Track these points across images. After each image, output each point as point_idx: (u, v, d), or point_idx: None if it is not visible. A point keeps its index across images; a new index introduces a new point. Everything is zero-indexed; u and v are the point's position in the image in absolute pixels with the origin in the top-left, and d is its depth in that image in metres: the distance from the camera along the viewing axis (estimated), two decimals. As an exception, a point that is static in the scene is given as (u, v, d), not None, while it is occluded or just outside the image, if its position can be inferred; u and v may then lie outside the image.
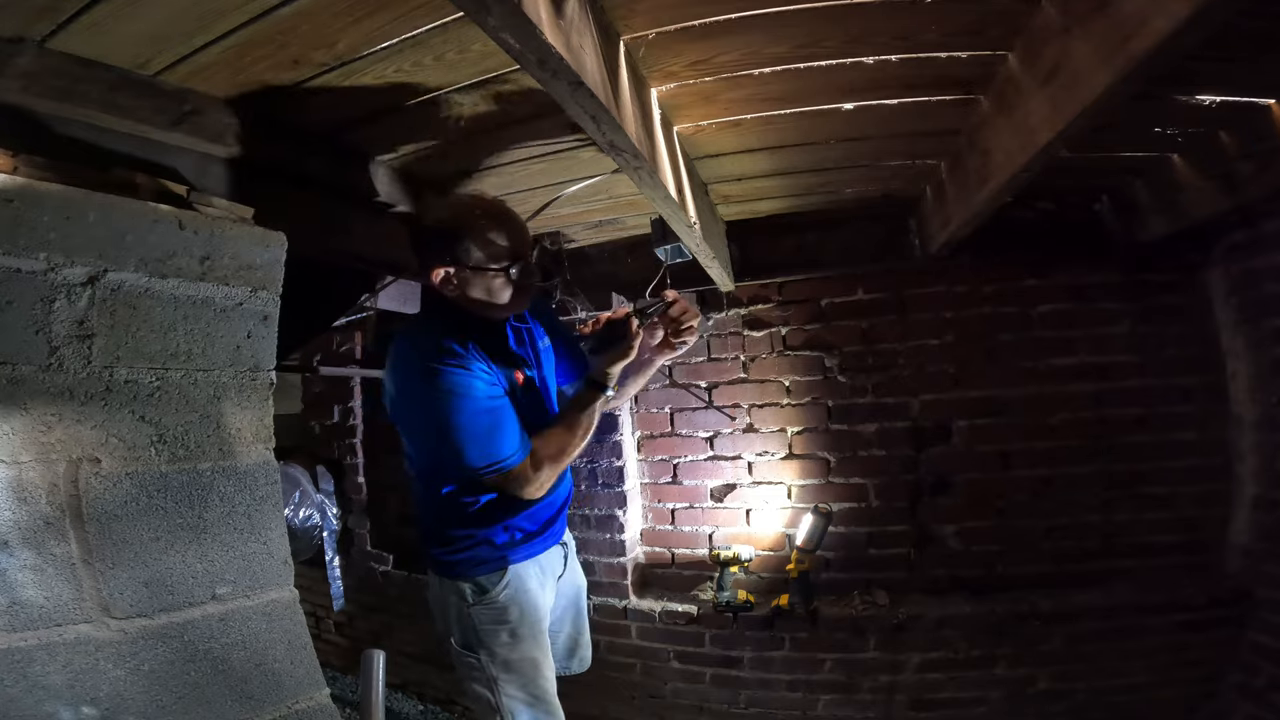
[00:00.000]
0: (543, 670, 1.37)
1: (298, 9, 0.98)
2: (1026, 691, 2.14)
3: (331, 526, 2.97)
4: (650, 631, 2.39)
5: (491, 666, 1.33)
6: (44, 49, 1.00)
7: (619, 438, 2.48)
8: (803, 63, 1.25)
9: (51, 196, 0.89)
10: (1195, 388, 2.19)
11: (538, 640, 1.37)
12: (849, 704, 2.24)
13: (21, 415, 0.85)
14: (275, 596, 1.09)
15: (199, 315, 1.04)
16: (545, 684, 1.37)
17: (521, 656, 1.34)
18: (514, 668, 1.34)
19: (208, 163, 1.29)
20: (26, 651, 0.82)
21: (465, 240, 1.20)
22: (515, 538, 1.36)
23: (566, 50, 0.82)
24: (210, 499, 1.03)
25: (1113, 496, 2.21)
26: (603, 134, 1.06)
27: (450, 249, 1.20)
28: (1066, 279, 2.26)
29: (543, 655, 1.38)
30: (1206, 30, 0.82)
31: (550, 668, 1.40)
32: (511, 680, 1.34)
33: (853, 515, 2.38)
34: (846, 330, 2.41)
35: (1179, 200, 1.89)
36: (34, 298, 0.86)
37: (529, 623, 1.35)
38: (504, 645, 1.33)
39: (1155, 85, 1.33)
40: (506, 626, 1.33)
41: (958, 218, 1.77)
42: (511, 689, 1.33)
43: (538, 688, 1.35)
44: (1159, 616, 2.07)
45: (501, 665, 1.33)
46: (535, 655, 1.36)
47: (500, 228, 1.22)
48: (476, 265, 1.21)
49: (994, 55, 1.24)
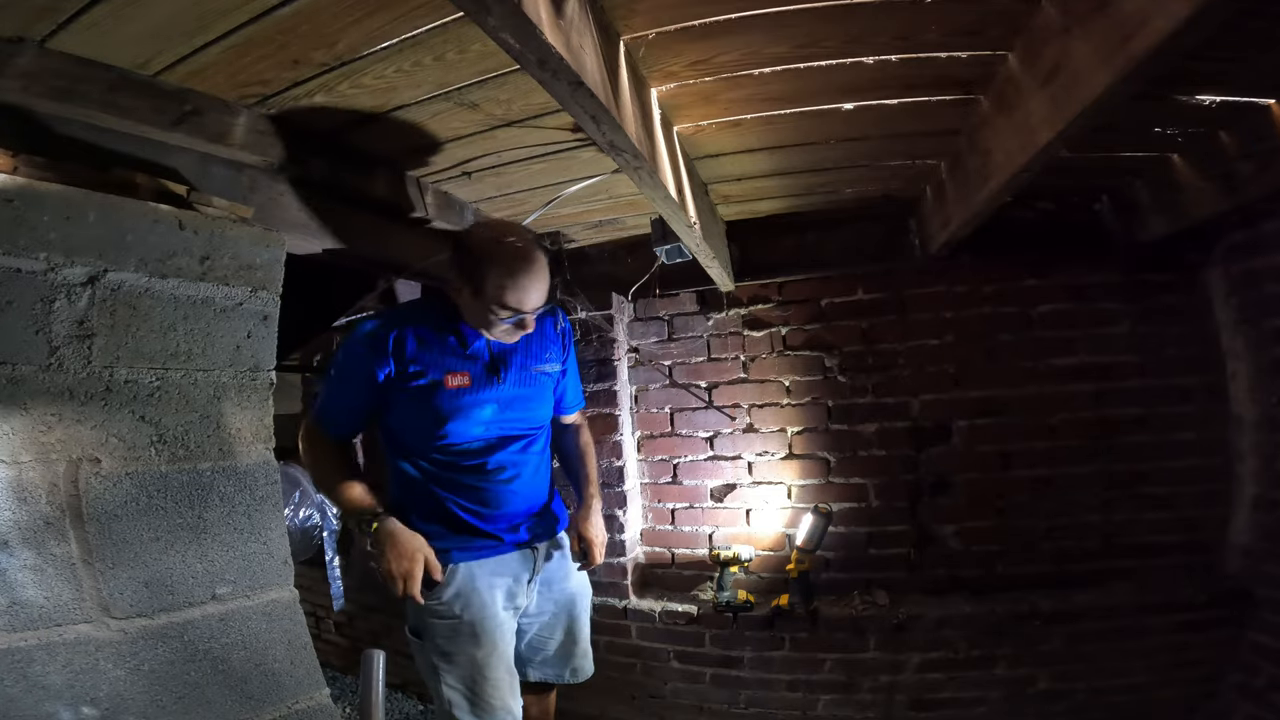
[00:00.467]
0: (484, 670, 1.36)
1: (298, 9, 0.98)
2: (1026, 691, 2.14)
3: (331, 526, 2.96)
4: (650, 631, 2.39)
5: (432, 654, 1.38)
6: (44, 49, 1.00)
7: (619, 438, 2.48)
8: (803, 63, 1.25)
9: (51, 196, 0.89)
10: (1195, 388, 2.19)
11: (480, 640, 1.36)
12: (849, 704, 2.24)
13: (21, 415, 0.85)
14: (275, 596, 1.10)
15: (199, 315, 1.05)
16: (486, 683, 1.36)
17: (459, 651, 1.36)
18: (452, 660, 1.37)
19: (208, 163, 1.29)
20: (26, 651, 0.82)
21: (483, 275, 1.28)
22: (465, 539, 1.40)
23: (566, 50, 0.82)
24: (210, 499, 1.03)
25: (1113, 496, 2.21)
26: (603, 134, 1.06)
27: (470, 273, 1.30)
28: (1066, 279, 2.26)
29: (485, 655, 1.37)
30: (1206, 30, 0.82)
31: (497, 669, 1.38)
32: (451, 671, 1.37)
33: (853, 515, 2.38)
34: (846, 330, 2.41)
35: (1179, 200, 1.89)
36: (34, 298, 0.86)
37: (472, 620, 1.36)
38: (444, 638, 1.37)
39: (1155, 85, 1.33)
40: (449, 621, 1.36)
41: (958, 218, 1.77)
42: (451, 679, 1.37)
43: (475, 684, 1.36)
44: (1159, 616, 2.06)
45: (441, 655, 1.37)
46: (475, 653, 1.36)
47: (513, 286, 1.29)
48: (478, 293, 1.30)
49: (994, 55, 1.24)
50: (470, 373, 1.38)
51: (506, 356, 1.43)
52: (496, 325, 1.33)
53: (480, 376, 1.39)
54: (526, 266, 1.29)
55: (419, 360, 1.35)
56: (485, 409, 1.39)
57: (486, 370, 1.40)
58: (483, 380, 1.39)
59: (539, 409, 1.50)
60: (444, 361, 1.37)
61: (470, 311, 1.35)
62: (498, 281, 1.27)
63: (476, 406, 1.38)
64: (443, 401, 1.35)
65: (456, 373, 1.37)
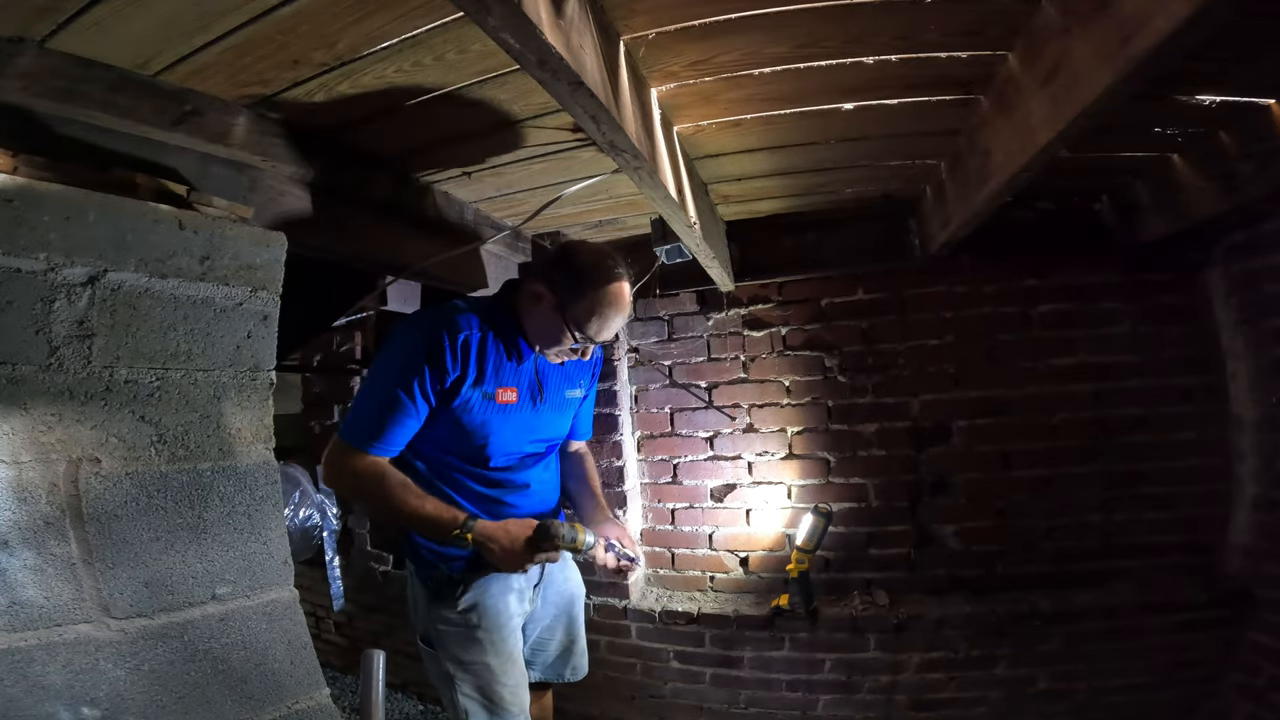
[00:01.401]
0: (499, 677, 1.35)
1: (298, 9, 0.98)
2: (1026, 691, 2.14)
3: (331, 526, 2.97)
4: (650, 631, 2.39)
5: (447, 664, 1.35)
6: (44, 49, 1.00)
7: (619, 438, 2.49)
8: (803, 63, 1.25)
9: (51, 196, 0.89)
10: (1195, 388, 2.19)
11: (497, 648, 1.35)
12: (849, 704, 2.24)
13: (21, 415, 0.85)
14: (275, 596, 1.09)
15: (199, 315, 1.04)
16: (503, 690, 1.35)
17: (475, 660, 1.34)
18: (468, 669, 1.34)
19: (208, 163, 1.29)
20: (26, 651, 0.82)
21: (581, 293, 1.25)
22: None
23: (566, 50, 0.82)
24: (210, 499, 1.03)
25: (1113, 496, 2.21)
26: (603, 134, 1.06)
27: (567, 286, 1.26)
28: (1066, 279, 2.26)
29: (501, 662, 1.35)
30: (1206, 30, 0.82)
31: (511, 675, 1.37)
32: (466, 680, 1.34)
33: (853, 515, 2.38)
34: (846, 330, 2.41)
35: (1179, 200, 1.89)
36: (34, 298, 0.86)
37: (488, 629, 1.34)
38: (459, 647, 1.34)
39: (1155, 85, 1.33)
40: (464, 630, 1.34)
41: (958, 218, 1.77)
42: (466, 688, 1.34)
43: (493, 692, 1.34)
44: (1159, 616, 2.06)
45: (456, 665, 1.34)
46: (491, 661, 1.34)
47: (605, 317, 1.27)
48: (563, 308, 1.26)
49: (994, 55, 1.24)
50: (518, 389, 1.34)
51: (547, 377, 1.41)
52: (561, 347, 1.29)
53: (525, 394, 1.36)
54: (621, 299, 1.28)
55: (481, 368, 1.28)
56: (526, 427, 1.37)
57: (530, 389, 1.37)
58: (527, 399, 1.36)
59: (562, 428, 1.50)
60: (500, 374, 1.31)
61: (539, 324, 1.30)
62: (590, 306, 1.25)
63: (521, 424, 1.36)
64: (491, 416, 1.30)
65: (508, 388, 1.31)
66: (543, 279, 1.29)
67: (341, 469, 1.25)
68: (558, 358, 1.35)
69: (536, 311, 1.30)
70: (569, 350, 1.32)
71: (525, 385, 1.36)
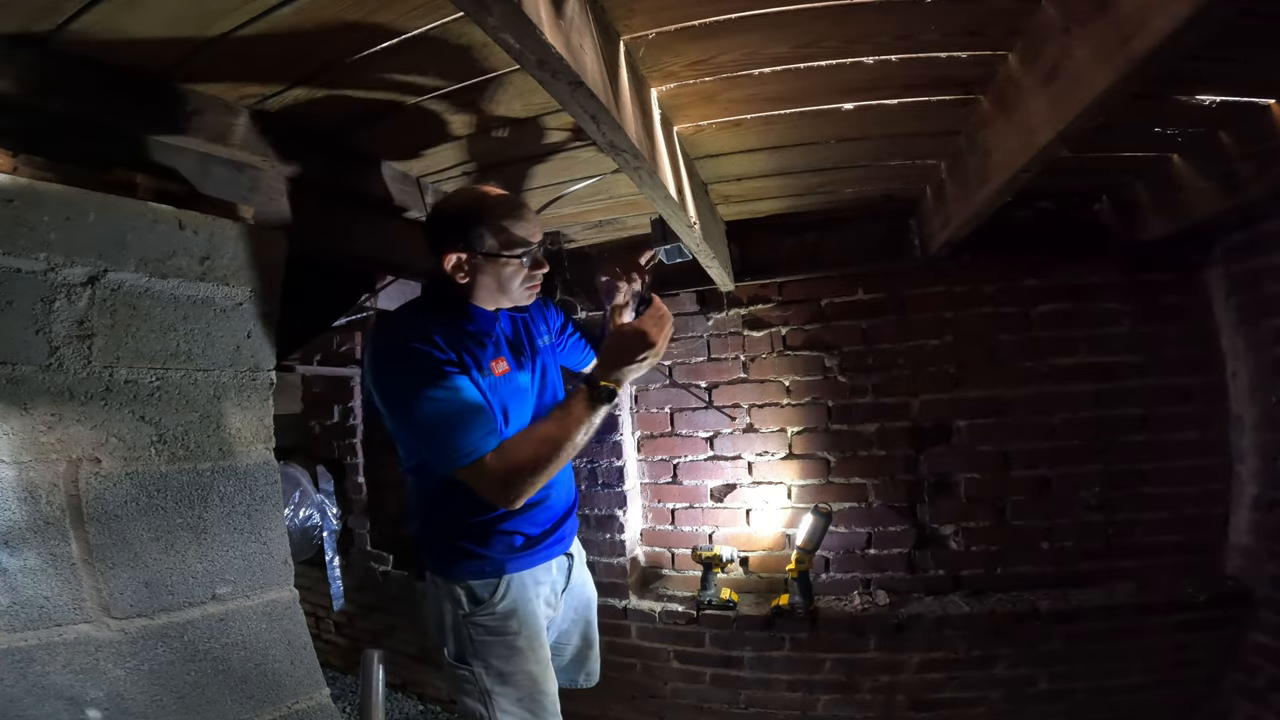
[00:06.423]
0: (540, 685, 1.30)
1: (298, 8, 0.98)
2: (1026, 691, 2.14)
3: (331, 526, 2.97)
4: (650, 631, 2.39)
5: (486, 679, 1.27)
6: (44, 48, 1.00)
7: (619, 438, 2.48)
8: (802, 63, 1.25)
9: (51, 196, 0.89)
10: (1195, 388, 2.19)
11: (536, 654, 1.30)
12: (849, 704, 2.24)
13: (21, 415, 0.85)
14: (275, 596, 1.10)
15: (199, 315, 1.04)
16: (544, 699, 1.30)
17: (518, 670, 1.28)
18: (510, 681, 1.28)
19: (208, 163, 1.29)
20: (27, 651, 0.82)
21: (480, 227, 1.20)
22: (514, 544, 1.30)
23: (566, 50, 0.82)
24: (210, 499, 1.03)
25: (1113, 496, 2.21)
26: (603, 134, 1.06)
27: (465, 235, 1.20)
28: (1066, 279, 2.26)
29: (541, 670, 1.31)
30: (1206, 30, 0.81)
31: (550, 682, 1.33)
32: (507, 695, 1.27)
33: (853, 515, 2.38)
34: (846, 330, 2.41)
35: (1179, 200, 1.89)
36: (34, 298, 0.86)
37: (528, 635, 1.29)
38: (500, 658, 1.28)
39: (1155, 85, 1.33)
40: (505, 639, 1.28)
41: (958, 218, 1.76)
42: (507, 704, 1.27)
43: (535, 703, 1.29)
44: (1159, 616, 2.06)
45: (497, 678, 1.27)
46: (533, 669, 1.29)
47: (514, 217, 1.22)
48: (490, 252, 1.21)
49: (994, 55, 1.24)
50: (503, 358, 1.29)
51: (519, 336, 1.37)
52: (515, 278, 1.24)
53: (512, 358, 1.31)
54: (520, 203, 1.25)
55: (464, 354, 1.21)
56: (530, 390, 1.34)
57: (512, 351, 1.33)
58: (514, 362, 1.32)
59: (559, 386, 1.45)
60: (479, 350, 1.25)
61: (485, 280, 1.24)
62: (497, 224, 1.20)
63: (525, 388, 1.32)
64: (501, 391, 1.25)
65: (495, 359, 1.27)
66: (446, 248, 1.22)
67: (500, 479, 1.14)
68: (528, 294, 1.29)
69: (472, 273, 1.23)
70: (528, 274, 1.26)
71: (505, 353, 1.31)
